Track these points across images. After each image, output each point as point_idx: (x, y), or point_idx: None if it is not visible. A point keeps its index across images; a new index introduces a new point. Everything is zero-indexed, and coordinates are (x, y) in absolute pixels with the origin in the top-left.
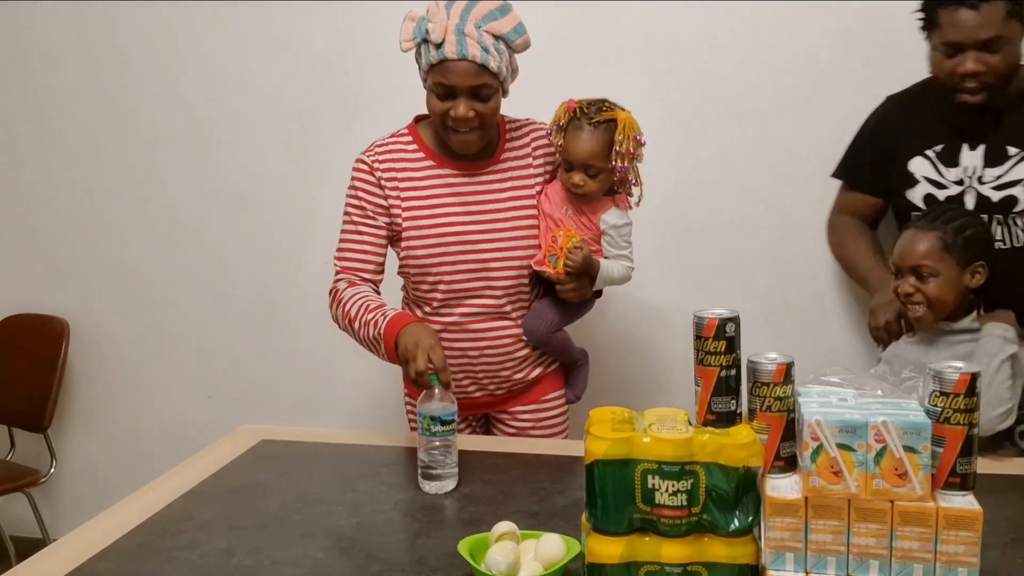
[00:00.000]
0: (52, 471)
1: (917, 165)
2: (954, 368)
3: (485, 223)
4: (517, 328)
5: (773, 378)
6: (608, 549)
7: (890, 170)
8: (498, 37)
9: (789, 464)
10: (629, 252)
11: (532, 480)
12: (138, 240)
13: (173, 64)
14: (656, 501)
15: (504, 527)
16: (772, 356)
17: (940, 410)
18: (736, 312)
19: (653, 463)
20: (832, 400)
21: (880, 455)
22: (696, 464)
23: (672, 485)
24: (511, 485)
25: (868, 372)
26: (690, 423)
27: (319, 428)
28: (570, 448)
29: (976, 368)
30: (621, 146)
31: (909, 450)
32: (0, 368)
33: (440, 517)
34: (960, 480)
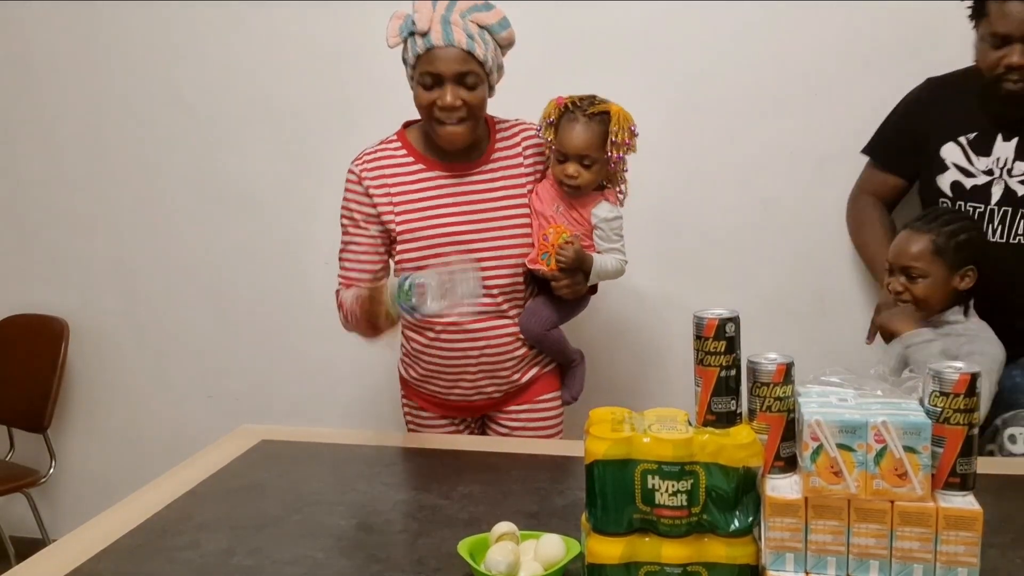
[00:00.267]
0: (52, 471)
1: (949, 151)
2: (954, 368)
3: (478, 223)
4: (515, 327)
5: (773, 378)
6: (608, 549)
7: (920, 153)
8: (483, 27)
9: (789, 464)
10: (621, 245)
11: (532, 480)
12: (138, 240)
13: (173, 64)
14: (656, 501)
15: (504, 527)
16: (772, 356)
17: (940, 410)
18: (736, 312)
19: (653, 463)
20: (832, 400)
21: (880, 455)
22: (696, 464)
23: (672, 485)
24: (510, 485)
25: (868, 372)
26: (690, 423)
27: (319, 428)
28: (570, 448)
29: (976, 368)
30: (617, 136)
31: (909, 450)
32: (0, 368)
33: (440, 517)
34: (960, 480)
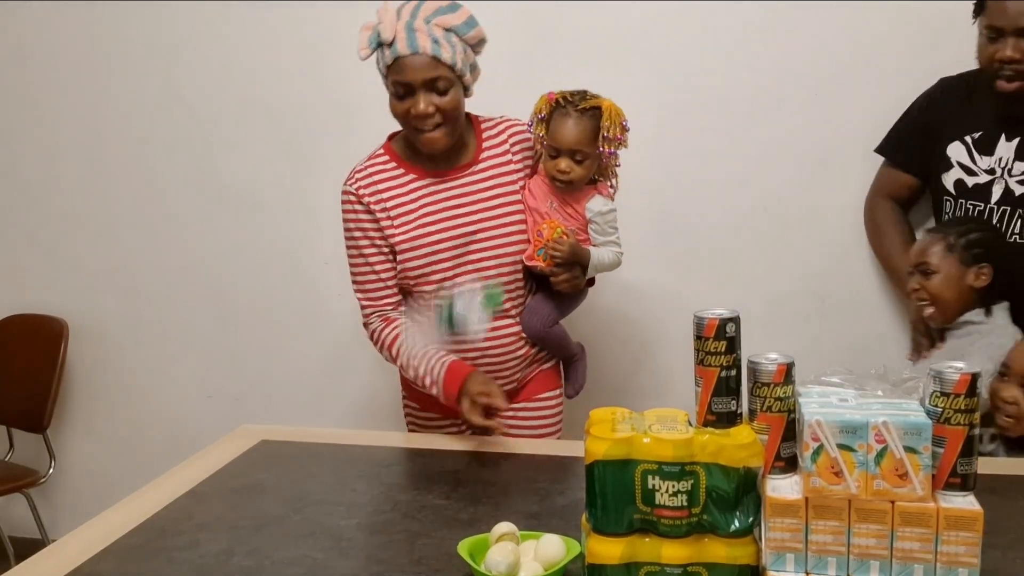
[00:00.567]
0: (51, 471)
1: (954, 150)
2: (954, 368)
3: (475, 223)
4: (517, 326)
5: (773, 378)
6: (608, 550)
7: (931, 151)
8: (448, 30)
9: (789, 465)
10: (616, 238)
11: (532, 480)
12: (138, 240)
13: (173, 64)
14: (656, 502)
15: (504, 528)
16: (772, 356)
17: (941, 410)
18: (736, 312)
19: (653, 463)
20: (832, 400)
21: (881, 455)
22: (696, 465)
23: (672, 486)
24: (511, 485)
25: (868, 372)
26: (690, 423)
27: (319, 428)
28: (570, 448)
29: (977, 368)
30: (608, 131)
31: (910, 450)
32: (0, 368)
33: (440, 517)
34: (961, 480)
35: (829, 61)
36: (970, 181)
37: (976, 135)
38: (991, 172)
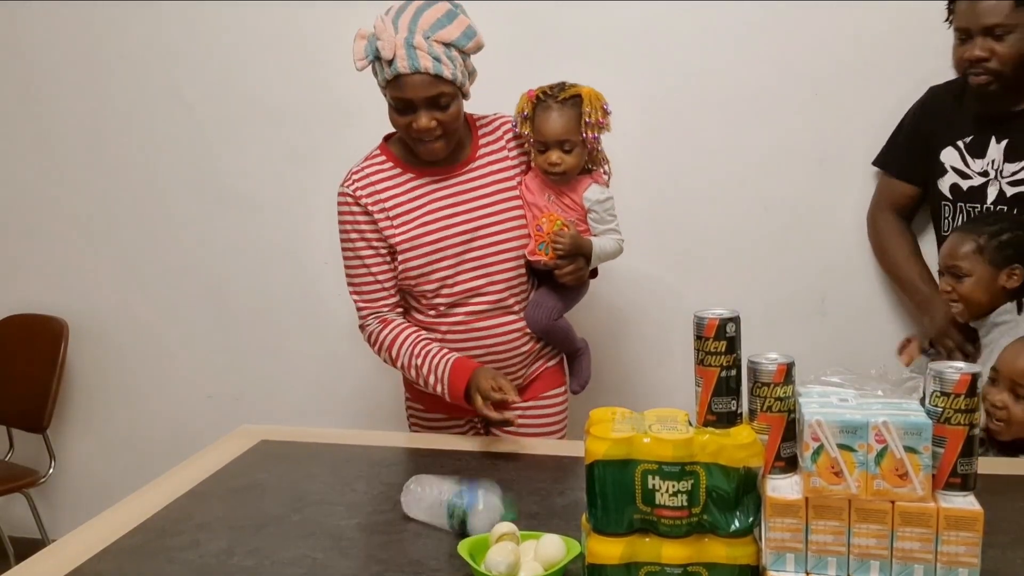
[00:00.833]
0: (51, 471)
1: (947, 155)
2: (955, 368)
3: (476, 220)
4: (521, 322)
5: (774, 378)
6: (608, 550)
7: (926, 158)
8: (448, 44)
9: (790, 464)
10: (616, 225)
11: (532, 480)
12: (138, 240)
13: (172, 64)
14: (656, 502)
15: (504, 527)
16: (772, 356)
17: (941, 410)
18: (736, 312)
19: (653, 463)
20: (833, 400)
21: (881, 455)
22: (696, 464)
23: (672, 486)
24: (511, 485)
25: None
26: (690, 423)
27: (319, 428)
28: (570, 448)
29: (977, 368)
30: (590, 117)
31: (910, 450)
32: (0, 368)
33: None
34: (961, 480)
35: (829, 61)
36: (965, 184)
37: (967, 139)
38: (984, 175)
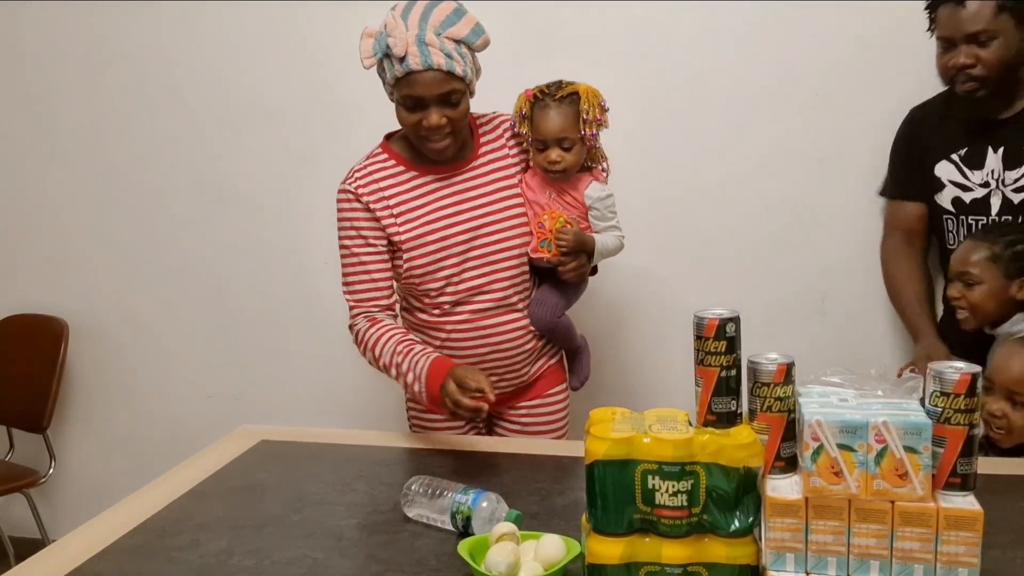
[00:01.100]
0: (51, 471)
1: (942, 169)
2: (954, 368)
3: (480, 217)
4: (524, 320)
5: (773, 378)
6: (608, 550)
7: (922, 175)
8: (459, 41)
9: (790, 464)
10: (616, 222)
11: (532, 480)
12: (138, 240)
13: (173, 64)
14: (656, 501)
15: (504, 527)
16: (772, 356)
17: (941, 410)
18: (736, 312)
19: (653, 463)
20: (833, 400)
21: (881, 455)
22: (696, 464)
23: (672, 485)
24: (511, 485)
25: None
26: (690, 423)
27: (319, 428)
28: (570, 448)
29: (977, 368)
30: (588, 114)
31: (910, 450)
32: (0, 368)
33: None
34: (961, 480)
35: (829, 61)
36: (967, 197)
37: (962, 151)
38: (985, 185)
